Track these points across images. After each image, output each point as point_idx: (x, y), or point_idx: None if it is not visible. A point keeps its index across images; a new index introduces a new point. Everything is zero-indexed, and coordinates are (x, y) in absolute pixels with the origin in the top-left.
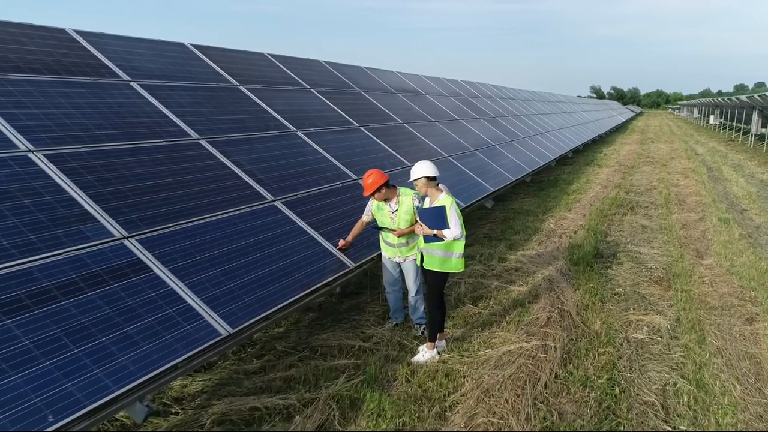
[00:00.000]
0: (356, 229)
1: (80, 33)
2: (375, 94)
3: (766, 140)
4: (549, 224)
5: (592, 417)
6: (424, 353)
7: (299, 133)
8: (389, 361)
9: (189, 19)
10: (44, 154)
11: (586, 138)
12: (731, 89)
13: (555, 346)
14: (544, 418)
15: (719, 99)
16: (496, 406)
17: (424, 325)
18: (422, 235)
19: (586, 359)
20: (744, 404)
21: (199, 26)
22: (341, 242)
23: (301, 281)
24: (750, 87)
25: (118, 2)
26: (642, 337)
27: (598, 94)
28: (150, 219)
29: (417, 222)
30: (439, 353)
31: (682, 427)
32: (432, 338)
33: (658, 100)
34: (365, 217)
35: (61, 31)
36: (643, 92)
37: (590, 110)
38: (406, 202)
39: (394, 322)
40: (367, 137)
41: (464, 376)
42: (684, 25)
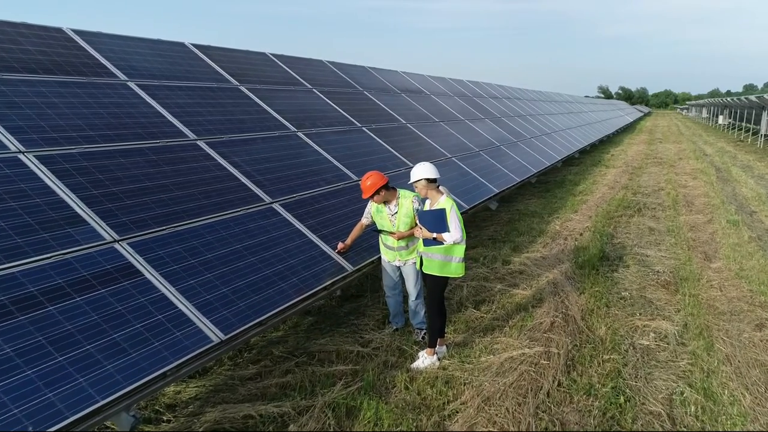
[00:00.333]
0: (355, 232)
1: (78, 32)
2: (378, 94)
3: None
4: (554, 226)
5: (595, 427)
6: (424, 359)
7: (300, 134)
8: (388, 367)
9: (192, 20)
10: (35, 156)
11: (593, 138)
12: (740, 89)
13: (558, 353)
14: (546, 429)
15: (728, 99)
16: (497, 415)
17: (424, 330)
18: (421, 238)
19: (591, 366)
20: (754, 414)
21: (205, 27)
22: (340, 245)
23: (298, 286)
24: (759, 87)
25: (122, 4)
26: (648, 343)
27: (606, 94)
28: (142, 222)
29: (417, 225)
30: (439, 359)
31: None
32: (432, 344)
33: (667, 100)
34: (364, 220)
35: (58, 30)
36: (651, 92)
37: (598, 110)
38: (405, 204)
39: (394, 327)
40: (370, 138)
41: (464, 384)
42: (693, 25)
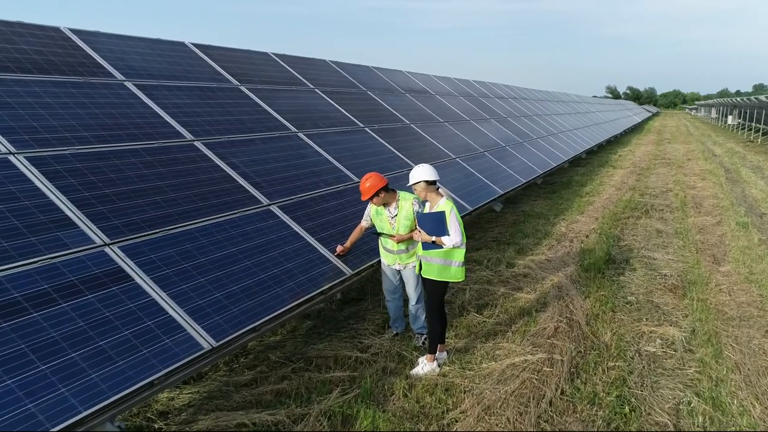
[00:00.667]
0: (355, 235)
1: (75, 32)
2: (382, 94)
3: None
4: (560, 228)
5: None
6: (424, 366)
7: (300, 134)
8: (387, 374)
9: (196, 21)
10: (26, 157)
11: (600, 139)
12: (750, 89)
13: (562, 360)
14: None
15: (737, 99)
16: (497, 425)
17: (425, 335)
18: (420, 241)
19: (595, 374)
20: (765, 426)
21: (209, 28)
22: (339, 248)
23: (294, 290)
24: None
25: (124, 4)
26: (655, 350)
27: (614, 95)
28: (135, 225)
29: (416, 228)
30: (439, 366)
31: None
32: (432, 350)
33: (675, 100)
34: (364, 223)
35: (56, 29)
36: (659, 92)
37: (605, 110)
38: (405, 206)
39: (394, 332)
40: (372, 138)
41: (465, 391)
42: (701, 24)
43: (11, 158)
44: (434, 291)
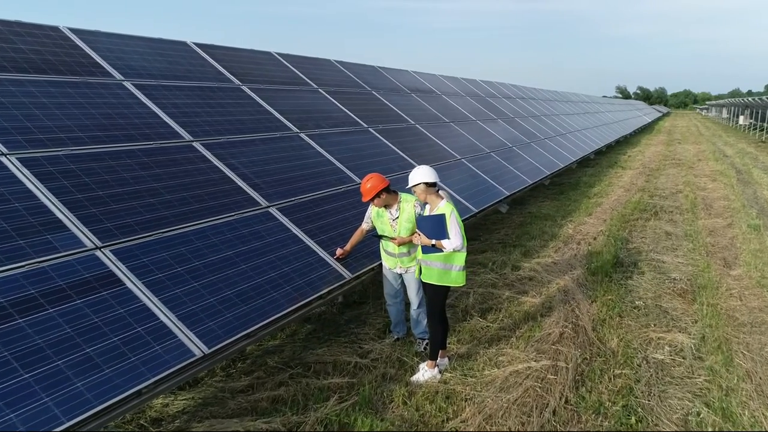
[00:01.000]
0: (355, 238)
1: (74, 31)
2: (387, 94)
3: None
4: (567, 230)
5: None
6: (424, 372)
7: (302, 135)
8: (386, 380)
9: (203, 21)
10: (18, 158)
11: (609, 139)
12: (762, 89)
13: (567, 367)
14: None
15: (749, 99)
16: None
17: (426, 340)
18: (420, 245)
19: (601, 382)
20: None
21: (216, 29)
22: (339, 251)
23: (291, 295)
24: None
25: (128, 5)
26: (663, 357)
27: (624, 95)
28: (128, 227)
29: (416, 231)
30: (440, 372)
31: None
32: (433, 356)
33: (686, 100)
34: (365, 225)
35: (54, 29)
36: (670, 92)
37: (615, 110)
38: (407, 208)
39: (395, 336)
40: (376, 139)
41: (466, 399)
42: (714, 24)
43: (3, 159)
44: (435, 296)
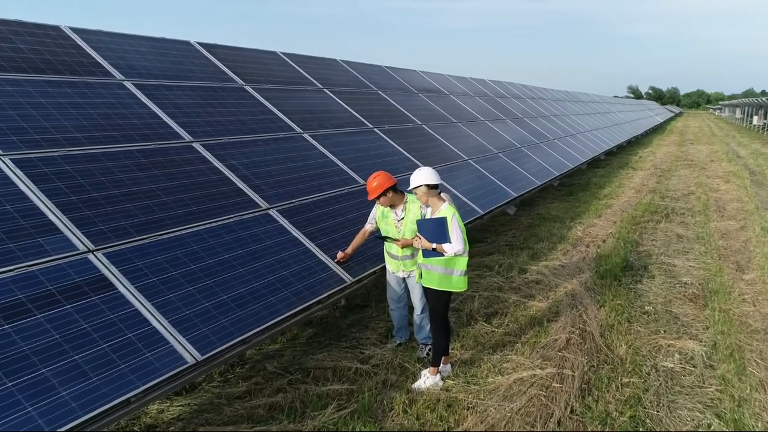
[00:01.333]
0: (357, 240)
1: (75, 30)
2: (394, 94)
3: None
4: (576, 232)
5: None
6: (426, 379)
7: (305, 136)
8: (387, 387)
9: (214, 22)
10: (12, 159)
11: (620, 139)
12: None
13: (573, 375)
14: None
15: (763, 99)
16: None
17: (429, 346)
18: (421, 248)
19: (608, 391)
20: None
21: (226, 30)
22: (339, 254)
23: (289, 299)
24: None
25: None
26: (672, 365)
27: (636, 95)
28: (123, 230)
29: (416, 234)
30: (443, 379)
31: None
32: (435, 363)
33: (699, 100)
34: (368, 226)
35: (55, 28)
36: (682, 92)
37: (626, 111)
38: (413, 209)
39: (398, 341)
40: (381, 139)
41: (468, 408)
42: (726, 23)
43: None
44: (436, 301)
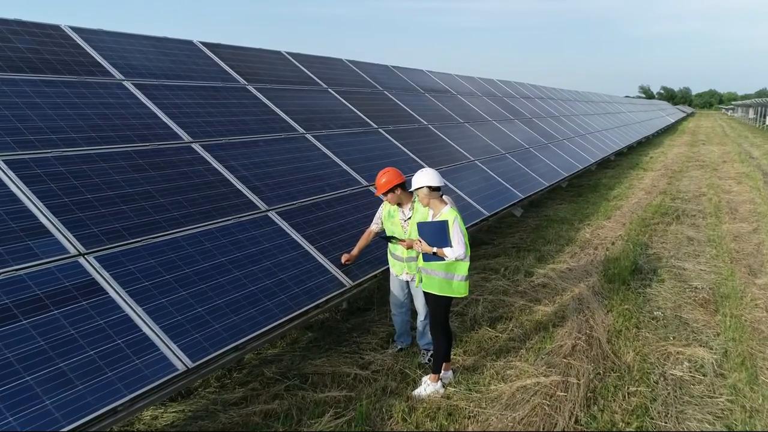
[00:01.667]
0: (362, 241)
1: (76, 30)
2: (400, 94)
3: None
4: (584, 234)
5: None
6: (427, 386)
7: (308, 136)
8: (386, 394)
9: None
10: (3, 160)
11: (631, 140)
12: None
13: (578, 383)
14: None
15: None
16: None
17: (431, 352)
18: (421, 252)
19: (614, 400)
20: None
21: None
22: (344, 257)
23: (286, 304)
24: None
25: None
26: (681, 374)
27: (647, 94)
28: (116, 232)
29: (417, 238)
30: (444, 386)
31: None
32: (436, 370)
33: (711, 100)
34: (374, 226)
35: (55, 27)
36: (694, 92)
37: (637, 111)
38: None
39: (399, 347)
40: (386, 140)
41: (469, 417)
42: (740, 22)
43: None
44: (437, 306)
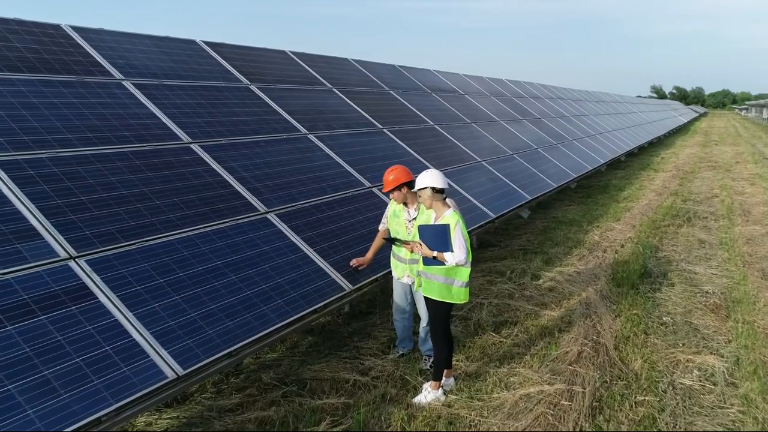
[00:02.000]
0: (377, 242)
1: (76, 29)
2: (406, 94)
3: None
4: (593, 236)
5: None
6: (428, 394)
7: (310, 136)
8: (386, 402)
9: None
10: None
11: (642, 140)
12: None
13: (583, 392)
14: None
15: None
16: None
17: (433, 358)
18: (421, 255)
19: (620, 410)
20: None
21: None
22: (354, 261)
23: (283, 309)
24: None
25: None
26: (691, 383)
27: (659, 94)
28: (109, 235)
29: (418, 241)
30: (445, 393)
31: None
32: (437, 377)
33: (724, 100)
34: (381, 226)
35: (55, 27)
36: (707, 92)
37: (648, 111)
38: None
39: (400, 352)
40: (391, 140)
41: (470, 426)
42: (753, 21)
43: None
44: (436, 312)
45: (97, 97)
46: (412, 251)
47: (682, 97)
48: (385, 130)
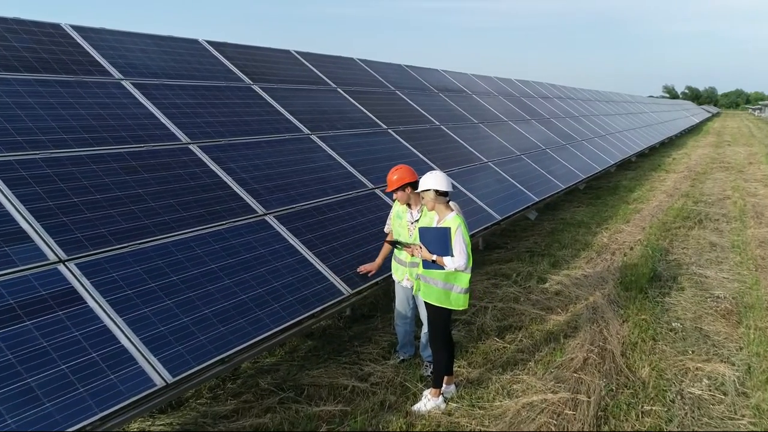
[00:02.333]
0: (386, 247)
1: (76, 28)
2: (412, 93)
3: None
4: (602, 238)
5: None
6: (428, 401)
7: (313, 137)
8: (384, 409)
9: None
10: None
11: (653, 141)
12: None
13: (588, 401)
14: None
15: None
16: None
17: (433, 364)
18: (421, 258)
19: (626, 420)
20: None
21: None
22: (362, 268)
23: (278, 314)
24: None
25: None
26: (700, 392)
27: (671, 94)
28: (101, 238)
29: (418, 244)
30: (445, 401)
31: None
32: (437, 384)
33: (738, 100)
34: (386, 228)
35: (55, 26)
36: (720, 92)
37: (660, 111)
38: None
39: (401, 358)
40: (395, 141)
41: None
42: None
43: None
44: (435, 317)
45: (95, 97)
46: (412, 254)
47: (695, 96)
48: (389, 131)
